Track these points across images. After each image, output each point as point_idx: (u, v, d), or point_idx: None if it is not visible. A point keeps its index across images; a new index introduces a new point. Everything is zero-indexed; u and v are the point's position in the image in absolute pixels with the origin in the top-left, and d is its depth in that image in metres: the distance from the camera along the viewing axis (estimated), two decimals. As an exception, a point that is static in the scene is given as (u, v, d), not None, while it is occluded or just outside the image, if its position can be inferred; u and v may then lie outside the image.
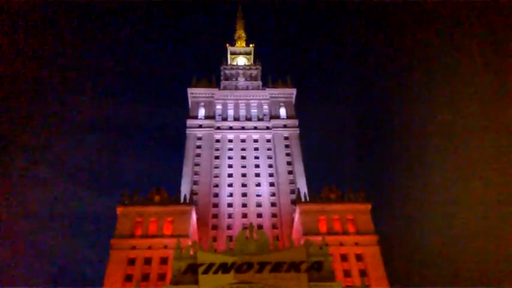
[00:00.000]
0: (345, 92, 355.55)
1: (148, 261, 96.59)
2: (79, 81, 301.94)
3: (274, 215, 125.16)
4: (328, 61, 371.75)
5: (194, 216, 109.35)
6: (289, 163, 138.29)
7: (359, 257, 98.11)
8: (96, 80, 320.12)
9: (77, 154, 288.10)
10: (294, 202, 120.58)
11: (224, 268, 69.56)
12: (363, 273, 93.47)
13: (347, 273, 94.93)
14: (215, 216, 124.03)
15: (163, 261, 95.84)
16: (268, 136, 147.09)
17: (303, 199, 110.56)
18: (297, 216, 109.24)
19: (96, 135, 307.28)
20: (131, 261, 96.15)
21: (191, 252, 76.04)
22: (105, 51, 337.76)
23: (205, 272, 69.52)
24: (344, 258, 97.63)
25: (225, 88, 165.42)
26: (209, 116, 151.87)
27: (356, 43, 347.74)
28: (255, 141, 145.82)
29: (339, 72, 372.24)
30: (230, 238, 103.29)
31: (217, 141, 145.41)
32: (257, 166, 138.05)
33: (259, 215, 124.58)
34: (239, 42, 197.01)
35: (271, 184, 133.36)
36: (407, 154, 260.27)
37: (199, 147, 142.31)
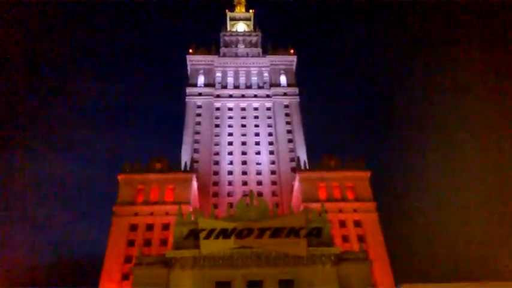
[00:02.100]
0: (347, 60, 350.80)
1: (150, 227, 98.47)
2: (78, 58, 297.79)
3: (274, 183, 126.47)
4: (329, 28, 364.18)
5: (195, 184, 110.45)
6: (289, 131, 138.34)
7: (357, 223, 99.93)
8: (94, 53, 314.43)
9: (78, 128, 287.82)
10: (293, 170, 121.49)
11: (225, 233, 70.80)
12: (361, 239, 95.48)
13: (345, 239, 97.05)
14: (216, 183, 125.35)
15: (165, 227, 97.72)
16: (269, 104, 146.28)
17: (302, 167, 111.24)
18: (296, 183, 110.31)
19: (95, 109, 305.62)
20: (133, 227, 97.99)
21: (192, 219, 77.27)
22: (102, 23, 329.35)
23: (207, 237, 70.79)
24: (343, 224, 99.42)
25: (224, 55, 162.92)
26: (209, 84, 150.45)
27: (358, 10, 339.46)
28: (255, 109, 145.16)
29: (341, 40, 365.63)
30: (231, 205, 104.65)
31: (217, 109, 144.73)
32: (257, 134, 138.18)
33: (259, 183, 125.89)
34: (238, 8, 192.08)
35: (271, 152, 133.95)
36: (407, 123, 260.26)
37: (199, 115, 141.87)
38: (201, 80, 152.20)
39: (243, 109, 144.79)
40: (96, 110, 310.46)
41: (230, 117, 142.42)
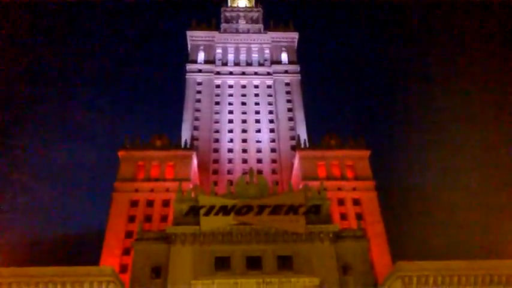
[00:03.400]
0: (348, 38, 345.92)
1: (150, 203, 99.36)
2: (75, 35, 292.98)
3: (274, 161, 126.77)
4: (332, 4, 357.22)
5: (195, 161, 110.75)
6: (289, 109, 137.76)
7: (356, 202, 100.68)
8: (92, 30, 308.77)
9: (77, 108, 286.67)
10: (293, 148, 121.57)
11: (224, 210, 71.18)
12: (359, 217, 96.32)
13: (344, 217, 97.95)
14: (216, 161, 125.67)
15: (165, 203, 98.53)
16: (269, 82, 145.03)
17: (302, 145, 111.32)
18: (296, 162, 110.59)
19: (95, 85, 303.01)
20: (134, 204, 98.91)
21: (192, 196, 77.68)
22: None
23: (206, 214, 71.21)
24: (341, 202, 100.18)
25: (225, 31, 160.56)
26: (209, 61, 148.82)
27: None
28: (256, 87, 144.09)
29: (343, 17, 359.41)
30: (230, 182, 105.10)
31: (218, 86, 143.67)
32: (257, 112, 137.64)
33: (259, 161, 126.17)
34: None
35: (272, 130, 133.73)
36: (408, 102, 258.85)
37: (199, 92, 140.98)
38: (201, 56, 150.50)
39: (244, 86, 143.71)
40: (95, 87, 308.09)
41: (230, 95, 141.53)
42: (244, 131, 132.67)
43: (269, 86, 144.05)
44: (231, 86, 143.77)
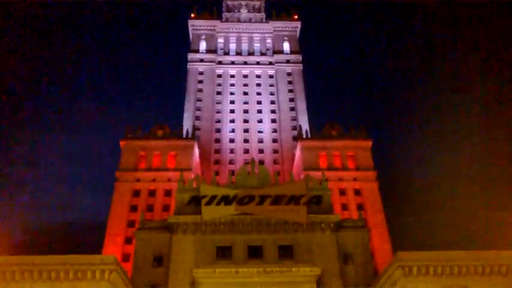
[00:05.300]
0: (350, 27, 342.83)
1: (152, 193, 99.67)
2: (75, 25, 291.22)
3: (275, 151, 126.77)
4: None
5: (197, 151, 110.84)
6: (291, 99, 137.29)
7: (357, 192, 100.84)
8: (92, 20, 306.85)
9: (80, 99, 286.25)
10: (295, 138, 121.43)
11: (226, 200, 71.45)
12: (360, 207, 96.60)
13: (345, 207, 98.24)
14: (217, 151, 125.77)
15: (167, 193, 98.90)
16: (271, 72, 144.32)
17: (304, 136, 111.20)
18: (297, 152, 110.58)
19: (96, 75, 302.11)
20: (136, 193, 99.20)
21: (194, 185, 77.94)
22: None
23: (208, 203, 71.46)
24: (343, 192, 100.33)
25: (226, 20, 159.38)
26: (210, 50, 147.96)
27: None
28: (258, 76, 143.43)
29: (345, 6, 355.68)
30: (232, 172, 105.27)
31: (219, 76, 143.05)
32: (259, 102, 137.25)
33: (261, 151, 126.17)
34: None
35: (273, 120, 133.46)
36: (411, 93, 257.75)
37: (200, 82, 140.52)
38: (202, 45, 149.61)
39: (245, 76, 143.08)
40: (96, 77, 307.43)
41: (232, 85, 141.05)
42: (245, 121, 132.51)
43: (271, 76, 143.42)
44: (232, 76, 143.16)
